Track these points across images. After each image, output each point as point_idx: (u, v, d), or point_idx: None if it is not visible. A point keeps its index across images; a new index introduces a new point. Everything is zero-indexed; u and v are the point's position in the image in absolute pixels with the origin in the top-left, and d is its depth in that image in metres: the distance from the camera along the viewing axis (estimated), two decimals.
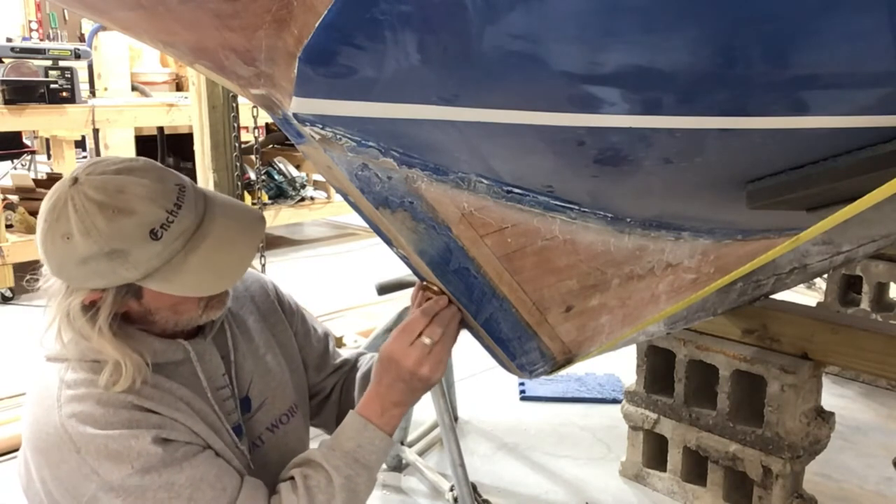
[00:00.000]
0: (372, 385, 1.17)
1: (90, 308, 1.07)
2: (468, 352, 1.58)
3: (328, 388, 1.43)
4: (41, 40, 6.03)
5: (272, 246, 5.33)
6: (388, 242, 1.16)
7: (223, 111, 3.01)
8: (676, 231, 1.40)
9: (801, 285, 3.76)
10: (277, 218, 5.52)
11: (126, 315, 1.12)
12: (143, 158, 1.11)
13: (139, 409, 1.06)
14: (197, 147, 3.08)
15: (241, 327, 1.28)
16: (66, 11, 6.21)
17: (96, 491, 1.02)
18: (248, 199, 3.90)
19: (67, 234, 1.01)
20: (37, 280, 1.12)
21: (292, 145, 1.18)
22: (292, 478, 1.13)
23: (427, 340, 1.12)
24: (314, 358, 1.41)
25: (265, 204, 5.28)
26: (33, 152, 7.10)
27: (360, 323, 3.48)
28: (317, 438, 1.30)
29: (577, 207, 1.22)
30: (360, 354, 1.47)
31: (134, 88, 5.78)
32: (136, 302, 1.09)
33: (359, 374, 1.41)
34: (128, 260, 1.02)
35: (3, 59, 4.42)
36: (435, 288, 1.19)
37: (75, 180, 1.03)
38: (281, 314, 1.37)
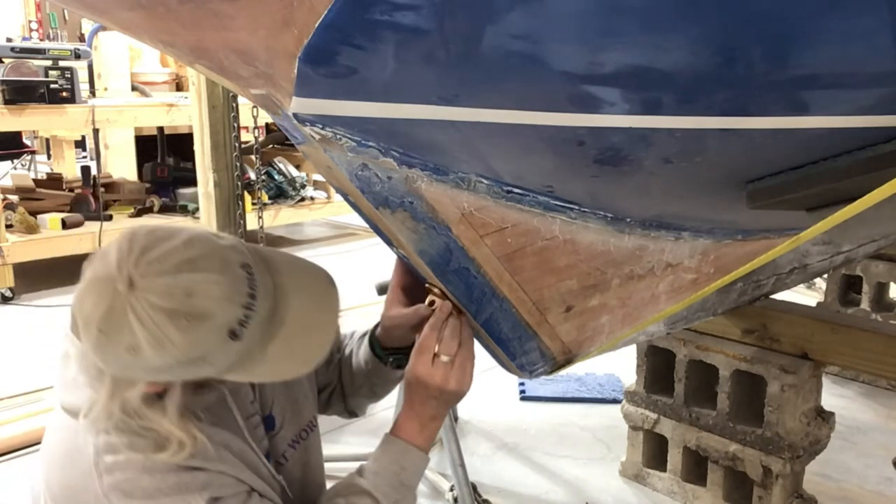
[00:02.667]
0: (405, 408, 1.18)
1: (154, 396, 0.99)
2: None
3: (335, 379, 1.42)
4: (41, 40, 6.03)
5: (272, 246, 5.32)
6: (388, 242, 1.16)
7: (223, 111, 3.01)
8: (676, 231, 1.40)
9: (801, 285, 3.76)
10: (277, 218, 5.52)
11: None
12: (194, 234, 0.96)
13: (186, 469, 1.00)
14: (197, 147, 3.08)
15: None
16: (66, 11, 6.21)
17: None
18: (248, 199, 3.89)
19: (133, 347, 0.90)
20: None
21: (292, 145, 1.17)
22: None
23: (445, 358, 1.13)
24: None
25: (265, 204, 5.28)
26: (33, 152, 7.10)
27: (360, 323, 3.48)
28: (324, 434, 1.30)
29: (577, 207, 1.22)
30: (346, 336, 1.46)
31: (134, 88, 5.78)
32: (201, 381, 1.03)
33: (346, 354, 1.41)
34: (206, 362, 0.94)
35: (3, 59, 4.42)
36: (437, 290, 1.19)
37: (130, 283, 0.89)
38: None
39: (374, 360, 1.35)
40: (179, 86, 6.05)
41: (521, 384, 3.15)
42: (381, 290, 2.41)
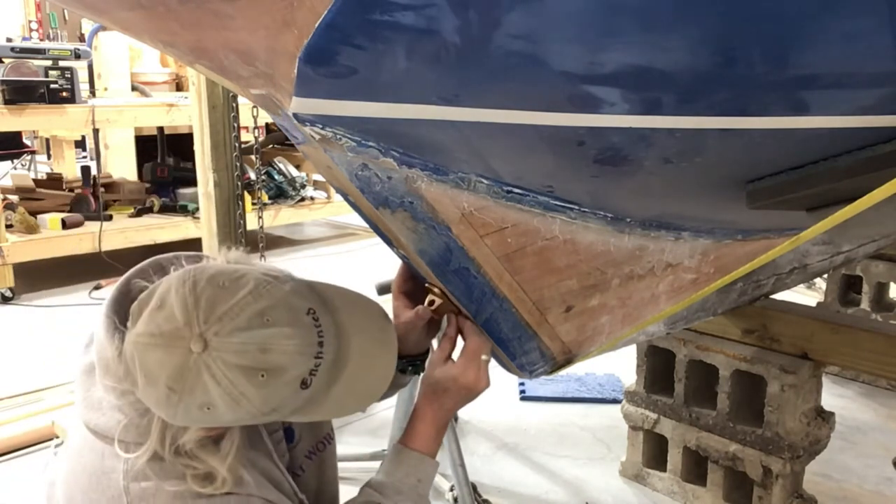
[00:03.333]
0: (423, 415, 1.18)
1: (208, 441, 0.98)
2: None
3: None
4: (41, 40, 6.03)
5: (272, 246, 5.34)
6: (388, 242, 1.16)
7: (223, 111, 3.01)
8: (676, 231, 1.40)
9: (801, 285, 3.76)
10: (277, 218, 5.52)
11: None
12: (259, 281, 0.94)
13: (216, 497, 0.99)
14: (197, 147, 3.08)
15: None
16: (66, 11, 6.21)
17: None
18: (248, 199, 3.90)
19: (208, 405, 0.89)
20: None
21: (292, 145, 1.17)
22: None
23: (485, 357, 1.15)
24: None
25: (265, 204, 5.28)
26: (33, 152, 7.10)
27: None
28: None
29: (577, 207, 1.22)
30: None
31: (134, 88, 5.78)
32: None
33: None
34: (276, 413, 0.95)
35: (3, 59, 4.42)
36: (437, 290, 1.19)
37: (204, 343, 0.88)
38: None
39: None
40: (179, 86, 6.05)
41: (521, 384, 3.15)
42: (382, 290, 2.41)
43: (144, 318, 0.92)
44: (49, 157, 7.92)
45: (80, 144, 7.81)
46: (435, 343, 1.28)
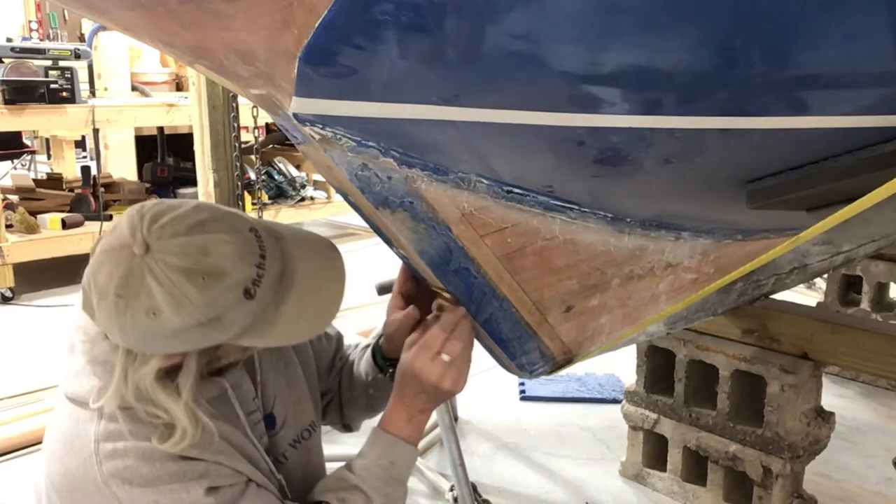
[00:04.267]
0: (395, 398, 1.18)
1: (167, 374, 1.00)
2: None
3: (335, 386, 1.42)
4: (41, 40, 6.02)
5: None
6: (388, 242, 1.16)
7: (223, 111, 3.01)
8: (676, 231, 1.40)
9: (801, 285, 3.76)
10: (277, 218, 5.52)
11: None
12: (202, 204, 1.00)
13: (185, 458, 1.01)
14: (197, 147, 3.08)
15: None
16: (66, 11, 6.21)
17: None
18: (248, 199, 3.91)
19: (153, 309, 0.91)
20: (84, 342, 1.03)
21: (292, 145, 1.17)
22: (327, 503, 1.12)
23: (447, 358, 1.13)
24: (326, 361, 1.40)
25: (265, 204, 5.28)
26: (33, 152, 7.10)
27: (360, 323, 3.48)
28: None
29: (577, 207, 1.22)
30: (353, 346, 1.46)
31: (134, 88, 5.79)
32: (214, 354, 1.04)
33: (354, 368, 1.40)
34: (222, 324, 0.95)
35: (3, 59, 4.42)
36: (447, 295, 1.19)
37: (146, 248, 0.92)
38: None
39: (375, 370, 1.35)
40: (179, 86, 6.05)
41: (521, 384, 3.15)
42: (382, 290, 2.41)
43: (97, 247, 0.98)
44: (49, 157, 7.93)
45: (80, 144, 7.81)
46: None
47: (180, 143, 5.38)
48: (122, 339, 0.96)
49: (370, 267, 4.76)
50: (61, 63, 4.62)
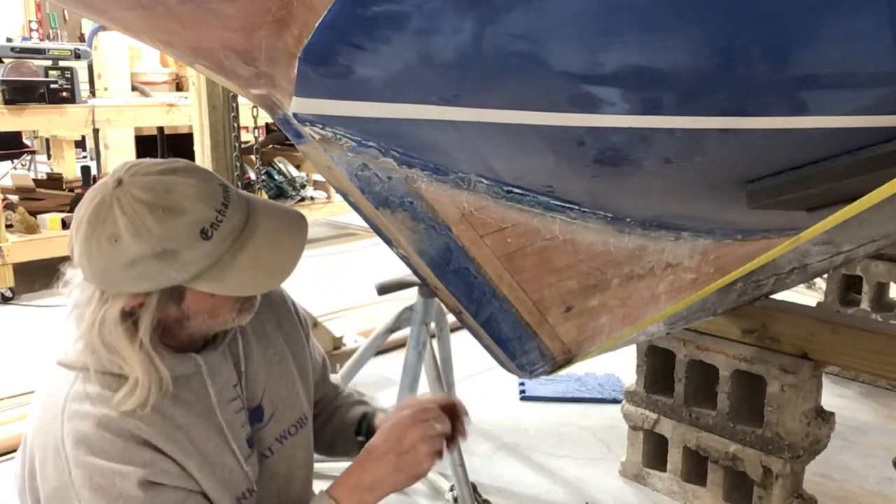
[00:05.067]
0: (353, 464, 1.15)
1: (129, 316, 1.04)
2: (468, 352, 1.58)
3: (321, 399, 1.41)
4: (41, 40, 6.03)
5: None
6: (388, 242, 1.16)
7: (223, 111, 3.01)
8: (676, 231, 1.40)
9: (801, 285, 3.76)
10: None
11: (157, 325, 1.07)
12: (181, 160, 1.09)
13: (135, 440, 1.03)
14: (197, 147, 3.08)
15: (258, 333, 1.25)
16: (66, 11, 6.21)
17: None
18: None
19: (115, 236, 0.99)
20: (64, 285, 1.08)
21: (292, 145, 1.17)
22: None
23: (439, 427, 1.14)
24: (316, 374, 1.40)
25: None
26: (33, 152, 7.09)
27: (360, 323, 3.48)
28: None
29: (577, 207, 1.22)
30: (344, 391, 1.44)
31: (134, 88, 5.79)
32: (176, 307, 1.07)
33: (339, 401, 1.39)
34: (178, 260, 1.00)
35: (3, 59, 4.42)
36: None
37: (119, 182, 1.01)
38: (297, 324, 1.34)
39: (353, 426, 1.34)
40: (179, 86, 6.05)
41: (521, 384, 3.15)
42: (382, 290, 2.41)
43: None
44: (49, 157, 7.92)
45: (80, 144, 7.81)
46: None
47: (180, 143, 5.38)
48: (91, 272, 1.02)
49: (370, 267, 4.75)
50: (61, 63, 4.62)
